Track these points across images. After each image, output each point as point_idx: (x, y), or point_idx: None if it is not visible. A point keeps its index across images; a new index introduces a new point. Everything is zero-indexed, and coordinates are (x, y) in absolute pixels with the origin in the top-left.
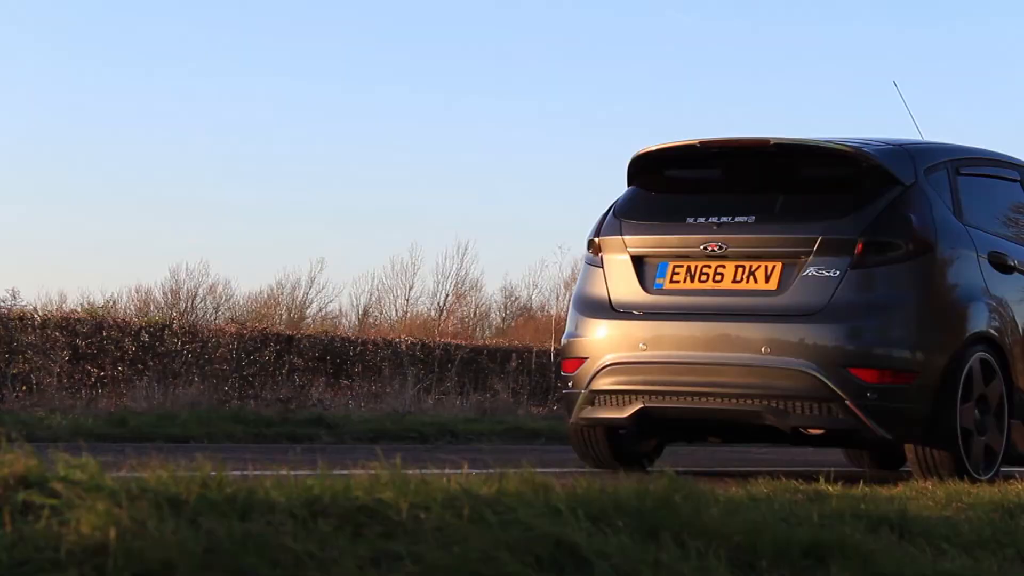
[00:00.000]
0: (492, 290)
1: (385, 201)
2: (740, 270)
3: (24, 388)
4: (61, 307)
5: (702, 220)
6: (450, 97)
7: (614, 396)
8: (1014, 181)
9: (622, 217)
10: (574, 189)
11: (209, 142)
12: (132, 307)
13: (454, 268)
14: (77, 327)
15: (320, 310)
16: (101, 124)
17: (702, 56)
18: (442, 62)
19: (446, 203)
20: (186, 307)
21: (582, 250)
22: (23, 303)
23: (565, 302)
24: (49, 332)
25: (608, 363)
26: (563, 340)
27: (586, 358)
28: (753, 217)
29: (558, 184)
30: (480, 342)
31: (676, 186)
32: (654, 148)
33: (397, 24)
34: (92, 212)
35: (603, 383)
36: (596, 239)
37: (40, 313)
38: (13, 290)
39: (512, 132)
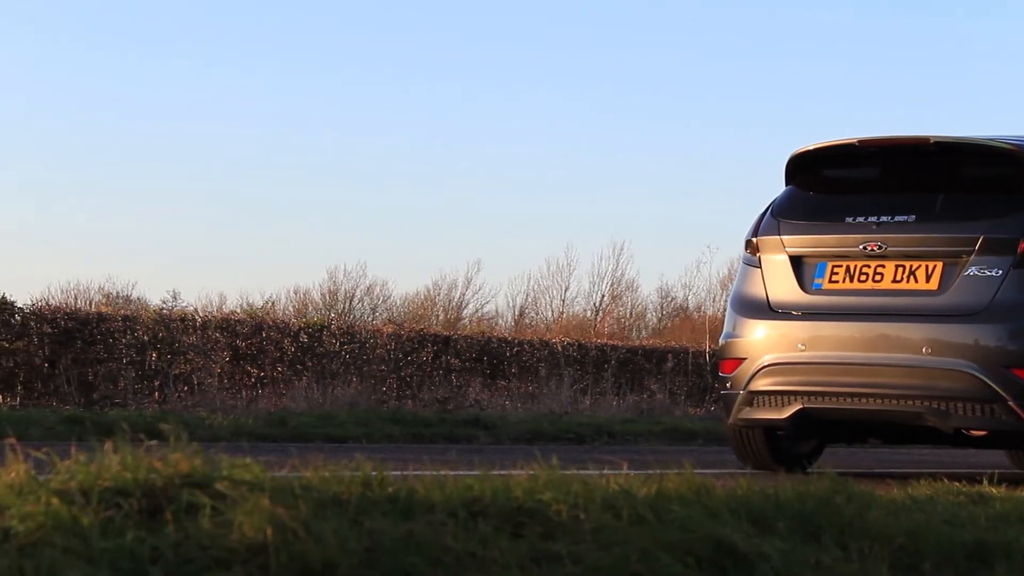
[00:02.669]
0: (648, 290)
1: (541, 202)
2: (900, 270)
3: (186, 388)
4: (221, 308)
5: (861, 220)
6: (604, 100)
7: (773, 397)
8: None
9: (780, 217)
10: (730, 188)
11: (366, 144)
12: (291, 308)
13: (610, 268)
14: (237, 328)
15: (476, 311)
16: (262, 128)
17: (860, 54)
18: (593, 65)
19: (602, 204)
20: (344, 308)
21: (735, 250)
22: (184, 304)
23: (721, 302)
24: (210, 333)
25: (767, 364)
26: (721, 340)
27: (744, 359)
28: (913, 216)
29: (713, 184)
30: (636, 343)
31: (834, 185)
32: (812, 147)
33: (548, 29)
34: (251, 214)
35: (762, 384)
36: (754, 239)
37: (201, 314)
38: (174, 292)
39: (666, 132)
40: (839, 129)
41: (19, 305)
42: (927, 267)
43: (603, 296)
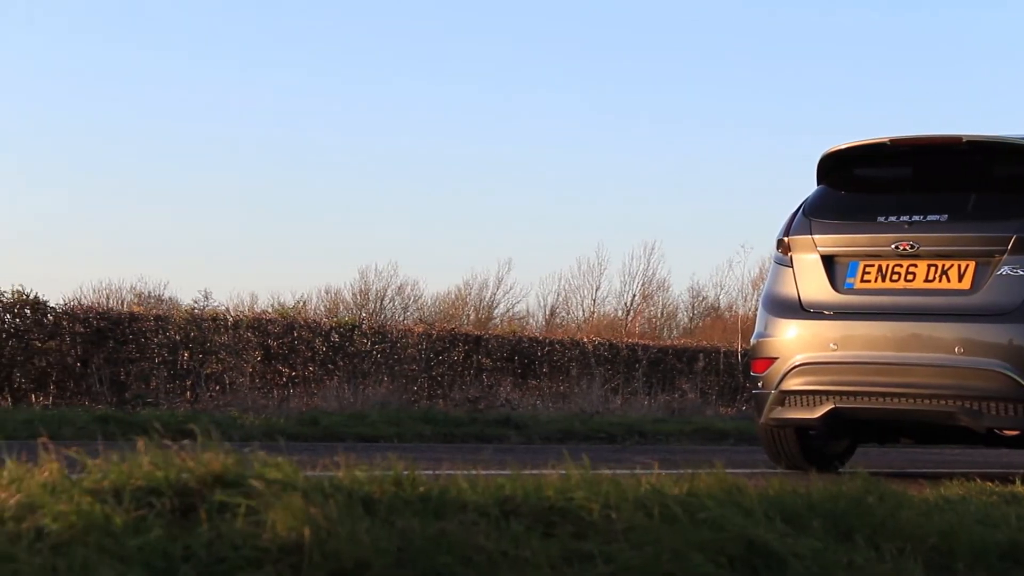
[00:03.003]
0: (679, 290)
1: (572, 201)
2: (932, 269)
3: (217, 388)
4: (252, 308)
5: (893, 219)
6: (635, 99)
7: (804, 396)
8: None
9: (812, 216)
10: (760, 188)
11: (398, 144)
12: (322, 307)
13: (641, 268)
14: (268, 327)
15: (507, 310)
16: (294, 128)
17: (890, 53)
18: (626, 66)
19: (633, 203)
20: (375, 308)
21: (768, 250)
22: (215, 304)
23: (752, 302)
24: (241, 332)
25: (798, 363)
26: (752, 340)
27: (776, 358)
28: (945, 216)
29: (745, 183)
30: (667, 342)
31: (866, 185)
32: (844, 147)
33: (581, 30)
34: (282, 213)
35: (793, 383)
36: (786, 238)
37: (232, 314)
38: (205, 291)
39: (697, 132)
40: (873, 128)
41: (52, 305)
42: (959, 266)
43: (634, 296)
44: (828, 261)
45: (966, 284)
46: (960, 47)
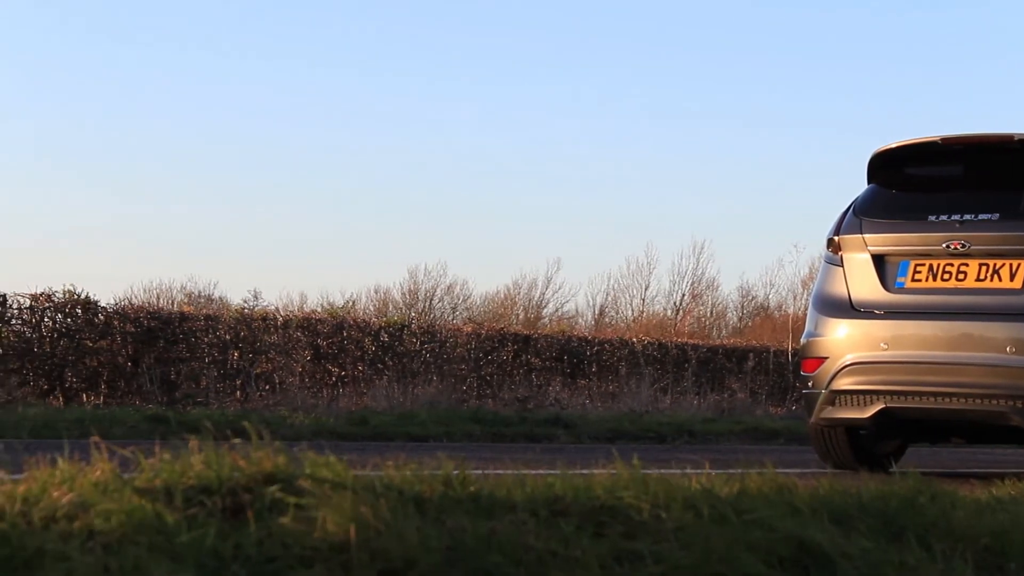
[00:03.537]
0: (728, 289)
1: (621, 201)
2: (983, 268)
3: (267, 387)
4: (302, 307)
5: (944, 218)
6: (686, 98)
7: (855, 396)
8: None
9: (862, 215)
10: (811, 187)
11: (446, 144)
12: (371, 307)
13: (690, 267)
14: (318, 327)
15: (556, 310)
16: (341, 128)
17: (939, 53)
18: (676, 65)
19: (682, 202)
20: (424, 307)
21: (818, 249)
22: (265, 304)
23: (803, 301)
24: (291, 332)
25: (849, 363)
26: (802, 340)
27: (826, 358)
28: (997, 214)
29: (794, 183)
30: (716, 342)
31: (917, 183)
32: (894, 145)
33: (631, 27)
34: (331, 214)
35: (844, 383)
36: (836, 238)
37: (282, 313)
38: (255, 291)
39: (747, 131)
40: (925, 127)
41: (103, 305)
42: (1011, 265)
43: (683, 295)
44: (879, 260)
45: (1017, 283)
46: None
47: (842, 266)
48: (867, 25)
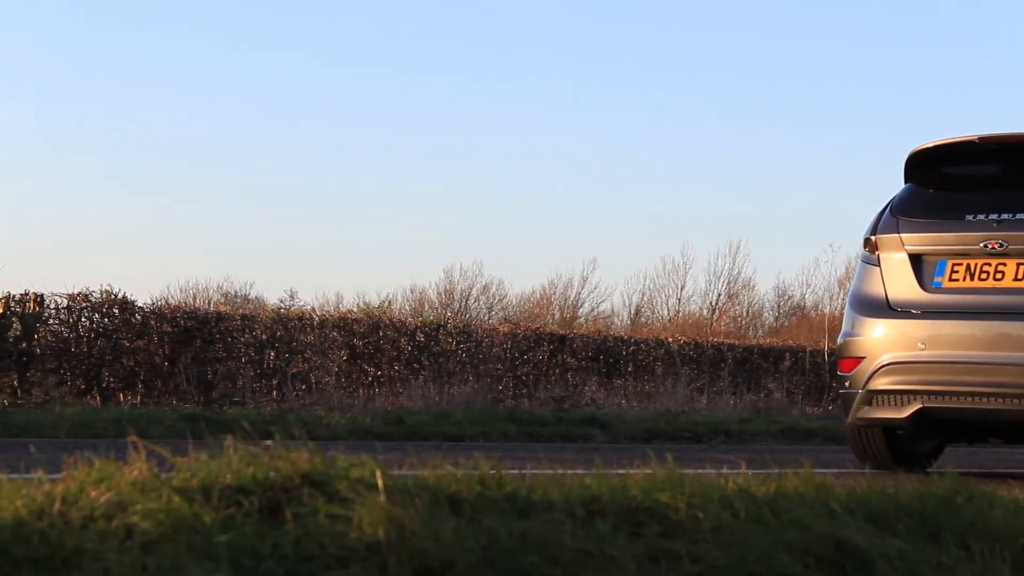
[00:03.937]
0: (765, 289)
1: (657, 200)
2: (1021, 268)
3: (304, 387)
4: (338, 307)
5: (981, 217)
6: (724, 99)
7: (892, 396)
8: None
9: (899, 215)
10: (847, 187)
11: (483, 143)
12: (407, 307)
13: (726, 267)
14: (354, 327)
15: (592, 310)
16: (380, 128)
17: (976, 51)
18: (712, 65)
19: (718, 202)
20: (460, 307)
21: (855, 248)
22: (301, 303)
23: (839, 301)
24: (327, 332)
25: (886, 363)
26: (839, 339)
27: (863, 357)
28: None
29: (831, 182)
30: (752, 341)
31: (954, 183)
32: (931, 145)
33: (666, 28)
34: (368, 214)
35: (881, 383)
36: (873, 237)
37: (318, 313)
38: (291, 291)
39: (784, 130)
40: (963, 127)
41: (140, 304)
42: None
43: (719, 295)
44: (916, 260)
45: None
46: None
47: (879, 266)
48: (907, 25)
